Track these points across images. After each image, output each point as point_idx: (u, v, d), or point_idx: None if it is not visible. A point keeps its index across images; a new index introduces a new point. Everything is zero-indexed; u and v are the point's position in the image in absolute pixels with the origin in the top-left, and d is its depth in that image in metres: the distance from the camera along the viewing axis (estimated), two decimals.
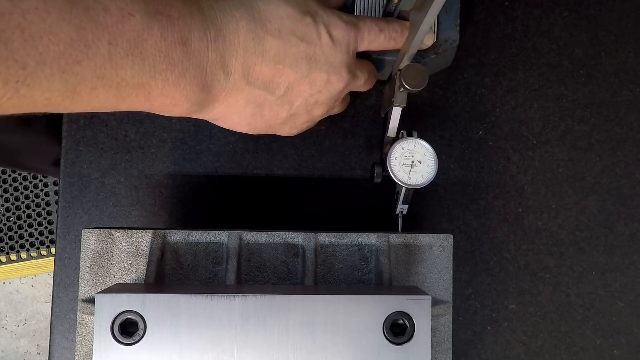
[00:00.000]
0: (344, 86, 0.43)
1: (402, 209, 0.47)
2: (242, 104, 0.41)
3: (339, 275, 0.41)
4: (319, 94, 0.43)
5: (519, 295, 0.52)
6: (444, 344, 0.41)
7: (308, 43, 0.41)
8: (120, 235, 0.40)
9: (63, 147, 0.51)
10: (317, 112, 0.45)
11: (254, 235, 0.41)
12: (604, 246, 0.53)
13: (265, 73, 0.40)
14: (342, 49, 0.42)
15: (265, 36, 0.39)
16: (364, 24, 0.43)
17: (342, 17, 0.43)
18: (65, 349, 0.50)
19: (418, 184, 0.44)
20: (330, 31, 0.41)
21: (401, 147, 0.44)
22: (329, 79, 0.42)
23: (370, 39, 0.44)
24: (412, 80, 0.42)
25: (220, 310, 0.33)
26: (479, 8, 0.53)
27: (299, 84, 0.41)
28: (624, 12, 0.54)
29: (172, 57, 0.35)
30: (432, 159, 0.44)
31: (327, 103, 0.44)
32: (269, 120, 0.44)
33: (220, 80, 0.38)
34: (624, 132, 0.53)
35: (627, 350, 0.52)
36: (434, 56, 0.48)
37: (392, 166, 0.44)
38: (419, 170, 0.44)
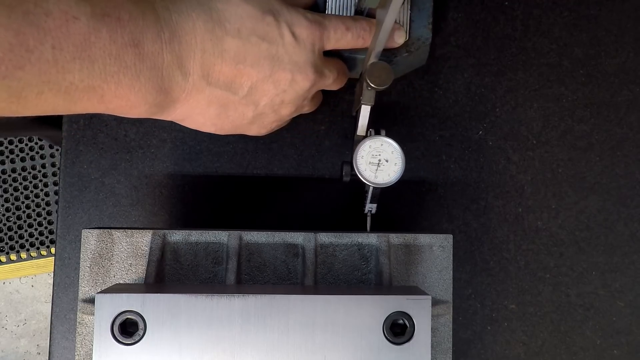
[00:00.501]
0: (311, 85, 0.43)
1: (371, 208, 0.46)
2: (205, 104, 0.41)
3: (339, 275, 0.41)
4: (285, 93, 0.42)
5: (519, 295, 0.52)
6: (444, 344, 0.41)
7: (270, 42, 0.40)
8: (120, 235, 0.40)
9: (63, 147, 0.51)
10: (284, 112, 0.44)
11: (254, 235, 0.41)
12: (604, 246, 0.53)
13: (226, 73, 0.40)
14: (307, 47, 0.42)
15: (224, 36, 0.39)
16: (329, 23, 0.43)
17: (307, 15, 0.42)
18: (65, 349, 0.50)
19: (384, 182, 0.44)
20: (293, 30, 0.41)
21: (368, 146, 0.44)
22: (293, 78, 0.42)
23: (337, 37, 0.44)
24: (376, 79, 0.42)
25: (220, 310, 0.33)
26: (479, 8, 0.53)
27: (262, 84, 0.41)
28: (624, 12, 0.54)
29: (124, 59, 0.35)
30: (399, 158, 0.44)
31: (294, 102, 0.44)
32: (235, 121, 0.43)
33: (178, 82, 0.38)
34: (624, 132, 0.53)
35: (627, 350, 0.52)
36: (406, 54, 0.47)
37: (358, 165, 0.44)
38: (386, 169, 0.44)
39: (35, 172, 1.36)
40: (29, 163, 1.36)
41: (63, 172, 0.51)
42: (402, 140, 0.52)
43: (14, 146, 1.36)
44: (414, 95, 0.53)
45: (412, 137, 0.52)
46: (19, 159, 1.36)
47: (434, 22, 0.49)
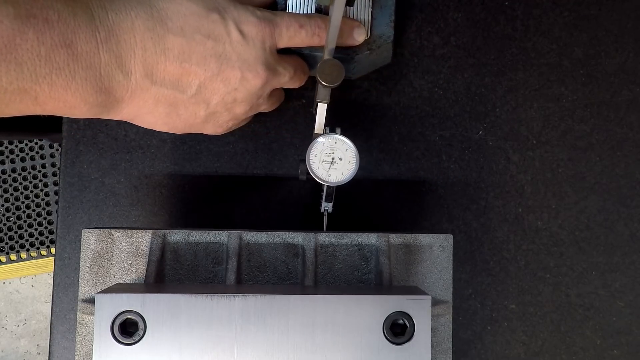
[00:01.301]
0: (263, 83, 0.43)
1: (327, 207, 0.46)
2: (152, 103, 0.41)
3: (339, 275, 0.41)
4: (236, 91, 0.42)
5: (519, 295, 0.52)
6: (444, 344, 0.41)
7: (216, 40, 0.40)
8: (120, 235, 0.40)
9: (63, 147, 0.51)
10: (238, 110, 0.44)
11: (254, 235, 0.41)
12: (604, 246, 0.53)
13: (172, 72, 0.39)
14: (256, 45, 0.41)
15: (166, 34, 0.39)
16: (281, 20, 0.43)
17: (256, 13, 0.42)
18: (65, 349, 0.50)
19: (337, 181, 0.43)
20: (240, 27, 0.41)
21: (321, 144, 0.44)
22: (243, 76, 0.41)
23: (289, 35, 0.43)
24: (327, 76, 0.42)
25: (220, 310, 0.33)
26: (479, 8, 0.53)
27: (211, 82, 0.41)
28: (624, 12, 0.54)
29: (56, 60, 0.35)
30: (353, 156, 0.44)
31: (247, 101, 0.43)
32: (188, 120, 0.43)
33: (119, 81, 0.38)
34: (624, 132, 0.53)
35: (627, 350, 0.52)
36: (367, 52, 0.47)
37: (311, 163, 0.44)
38: (339, 167, 0.44)
39: (35, 172, 1.36)
40: (29, 163, 1.36)
41: (63, 172, 0.51)
42: (402, 140, 0.52)
43: (14, 146, 1.36)
44: (414, 95, 0.53)
45: (412, 137, 0.52)
46: (19, 159, 1.36)
47: (435, 22, 0.49)
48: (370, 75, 0.52)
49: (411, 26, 0.53)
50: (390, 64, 0.52)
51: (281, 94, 0.50)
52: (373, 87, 0.52)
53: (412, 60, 0.53)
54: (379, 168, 0.52)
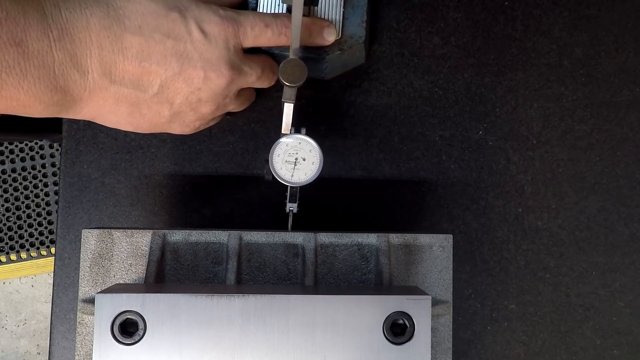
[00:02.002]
0: (227, 83, 0.42)
1: (292, 207, 0.46)
2: (112, 103, 0.40)
3: (339, 275, 0.41)
4: (200, 91, 0.42)
5: (519, 295, 0.52)
6: (444, 344, 0.41)
7: (176, 39, 0.40)
8: (120, 235, 0.40)
9: (63, 147, 0.51)
10: (204, 110, 0.44)
11: (254, 235, 0.41)
12: (604, 246, 0.53)
13: (131, 71, 0.39)
14: (219, 44, 0.41)
15: (123, 33, 0.38)
16: (245, 19, 0.42)
17: (219, 12, 0.42)
18: (65, 349, 0.50)
19: (300, 182, 0.43)
20: (202, 27, 0.41)
21: (285, 144, 0.44)
22: (206, 75, 0.41)
23: (255, 34, 0.43)
24: (289, 76, 0.42)
25: (220, 310, 0.33)
26: (479, 8, 0.53)
27: (173, 82, 0.41)
28: (624, 12, 0.54)
29: (5, 59, 0.34)
30: (317, 156, 0.44)
31: (213, 100, 0.43)
32: (152, 119, 0.43)
33: (75, 80, 0.38)
34: (624, 132, 0.53)
35: (627, 350, 0.52)
36: (338, 52, 0.47)
37: (274, 163, 0.43)
38: (303, 167, 0.44)
39: (35, 172, 1.36)
40: (29, 163, 1.36)
41: (63, 172, 0.51)
42: (402, 140, 0.52)
43: (14, 146, 1.36)
44: (414, 95, 0.53)
45: (412, 137, 0.52)
46: (19, 159, 1.36)
47: (435, 22, 0.49)
48: (370, 76, 0.52)
49: (411, 26, 0.53)
50: (390, 64, 0.52)
51: (251, 94, 0.49)
52: (373, 87, 0.52)
53: (412, 60, 0.53)
54: (379, 168, 0.52)
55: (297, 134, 0.44)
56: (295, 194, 0.45)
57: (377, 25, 0.53)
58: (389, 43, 0.53)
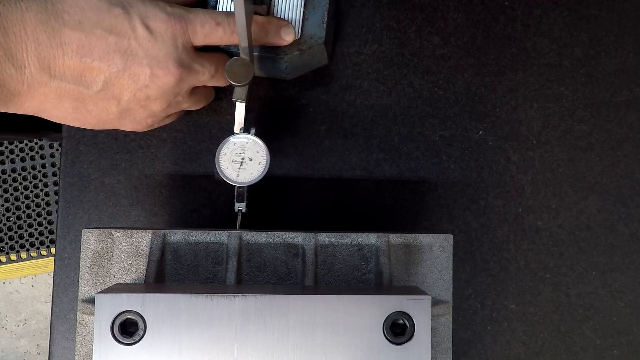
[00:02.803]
0: (176, 80, 0.42)
1: (240, 207, 0.46)
2: (55, 98, 0.40)
3: (339, 275, 0.41)
4: (147, 88, 0.41)
5: (519, 295, 0.52)
6: (444, 344, 0.41)
7: (119, 35, 0.39)
8: (120, 235, 0.40)
9: (63, 147, 0.51)
10: (155, 108, 0.43)
11: (254, 235, 0.41)
12: (604, 246, 0.53)
13: (72, 67, 0.39)
14: (166, 42, 0.41)
15: (61, 28, 0.38)
16: (195, 17, 0.42)
17: (166, 9, 0.41)
18: (65, 349, 0.50)
19: (245, 182, 0.43)
20: (147, 23, 0.40)
21: (232, 144, 0.44)
22: (153, 72, 0.41)
23: (205, 32, 0.42)
24: (235, 75, 0.42)
25: (220, 310, 0.33)
26: (479, 8, 0.53)
27: (118, 79, 0.40)
28: (624, 12, 0.54)
29: None
30: (263, 157, 0.43)
31: (163, 98, 0.43)
32: (99, 115, 0.42)
33: (11, 74, 0.37)
34: (624, 132, 0.53)
35: (627, 350, 0.52)
36: (297, 52, 0.47)
37: (220, 163, 0.43)
38: (249, 167, 0.43)
39: (35, 172, 1.36)
40: (29, 163, 1.36)
41: (63, 172, 0.51)
42: (402, 140, 0.52)
43: (14, 146, 1.36)
44: (414, 95, 0.53)
45: (412, 137, 0.52)
46: (19, 159, 1.36)
47: (435, 22, 0.49)
48: (370, 75, 0.52)
49: (411, 26, 0.53)
50: (390, 64, 0.52)
51: (208, 92, 0.49)
52: (373, 87, 0.52)
53: (412, 60, 0.53)
54: (379, 168, 0.52)
55: (245, 134, 0.44)
56: (243, 193, 0.44)
57: (371, 25, 0.53)
58: (389, 43, 0.53)
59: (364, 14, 0.53)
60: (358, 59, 0.53)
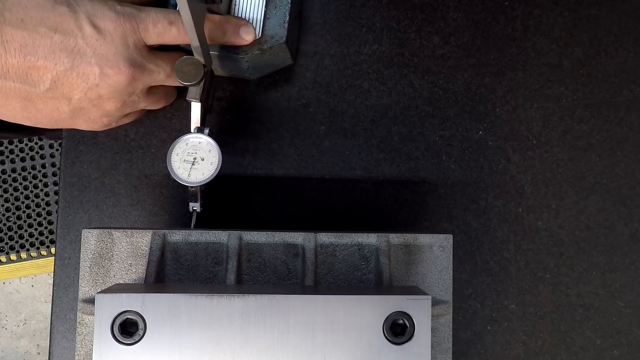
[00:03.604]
0: (128, 80, 0.41)
1: (194, 206, 0.45)
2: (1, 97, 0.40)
3: (339, 275, 0.41)
4: (98, 87, 0.41)
5: (519, 295, 0.52)
6: (444, 344, 0.41)
7: (64, 34, 0.39)
8: (120, 235, 0.40)
9: (63, 147, 0.51)
10: (109, 107, 0.43)
11: (254, 235, 0.41)
12: (604, 246, 0.53)
13: (16, 65, 0.39)
14: (115, 40, 0.40)
15: (2, 26, 0.38)
16: (147, 16, 0.42)
17: (115, 7, 0.41)
18: (65, 349, 0.50)
19: (197, 182, 0.43)
20: (94, 22, 0.40)
21: (184, 143, 0.44)
22: (102, 72, 0.40)
23: (158, 31, 0.42)
24: (184, 75, 0.42)
25: (220, 310, 0.33)
26: (479, 8, 0.53)
27: (66, 77, 0.40)
28: (624, 12, 0.54)
29: None
30: (215, 157, 0.43)
31: (116, 97, 0.42)
32: (50, 114, 0.42)
33: None
34: (624, 132, 0.53)
35: (627, 350, 0.52)
36: (258, 52, 0.46)
37: (171, 162, 0.43)
38: (201, 167, 0.43)
39: (35, 172, 1.36)
40: (29, 163, 1.36)
41: (63, 172, 0.51)
42: (402, 140, 0.52)
43: (14, 146, 1.36)
44: (414, 95, 0.53)
45: (412, 137, 0.52)
46: (19, 159, 1.36)
47: (435, 22, 0.49)
48: (370, 76, 0.52)
49: (411, 26, 0.53)
50: (390, 64, 0.52)
51: (168, 92, 0.48)
52: (373, 87, 0.52)
53: (412, 60, 0.53)
54: (379, 168, 0.52)
55: (198, 134, 0.44)
56: (196, 193, 0.44)
57: (371, 25, 0.53)
58: (389, 43, 0.53)
59: (364, 14, 0.53)
60: (358, 59, 0.53)
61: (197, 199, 0.45)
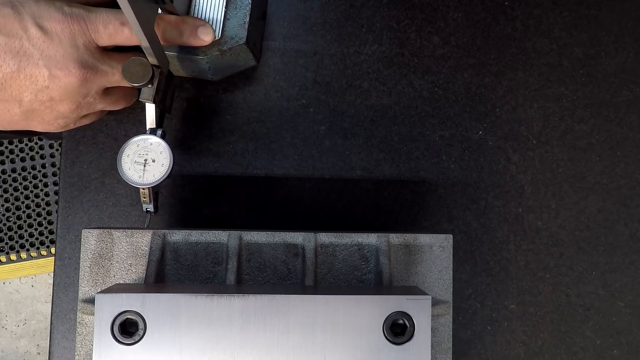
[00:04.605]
0: (80, 81, 0.41)
1: (148, 207, 0.45)
2: None
3: (339, 275, 0.41)
4: (49, 89, 0.41)
5: (519, 295, 0.52)
6: (444, 344, 0.41)
7: (9, 36, 0.39)
8: (120, 235, 0.40)
9: (63, 147, 0.51)
10: (62, 109, 0.43)
11: (254, 235, 0.41)
12: (604, 246, 0.53)
13: None
14: (63, 42, 0.40)
15: None
16: (97, 17, 0.41)
17: (63, 8, 0.40)
18: (65, 349, 0.50)
19: (147, 183, 0.43)
20: (41, 23, 0.39)
21: (135, 145, 0.43)
22: (52, 73, 0.40)
23: (109, 32, 0.42)
24: (132, 75, 0.41)
25: (220, 310, 0.33)
26: (479, 8, 0.53)
27: (14, 80, 0.40)
28: (624, 12, 0.54)
29: None
30: (167, 158, 0.43)
31: (69, 99, 0.42)
32: (2, 116, 0.42)
33: None
34: (624, 132, 0.53)
35: (627, 350, 0.52)
36: (217, 53, 0.46)
37: (122, 164, 0.43)
38: (152, 169, 0.43)
39: (35, 172, 1.36)
40: (29, 163, 1.36)
41: (63, 172, 0.51)
42: (402, 140, 0.52)
43: (14, 146, 1.36)
44: (414, 95, 0.53)
45: (412, 137, 0.52)
46: (19, 159, 1.36)
47: (435, 22, 0.49)
48: (370, 76, 0.52)
49: (411, 26, 0.53)
50: (390, 64, 0.52)
51: (128, 93, 0.48)
52: (373, 87, 0.52)
53: (412, 60, 0.53)
54: (379, 168, 0.52)
55: (150, 135, 0.43)
56: (148, 195, 0.44)
57: (371, 25, 0.53)
58: (389, 43, 0.53)
59: (364, 14, 0.53)
60: (358, 59, 0.53)
61: (150, 200, 0.44)
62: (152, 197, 0.45)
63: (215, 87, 0.52)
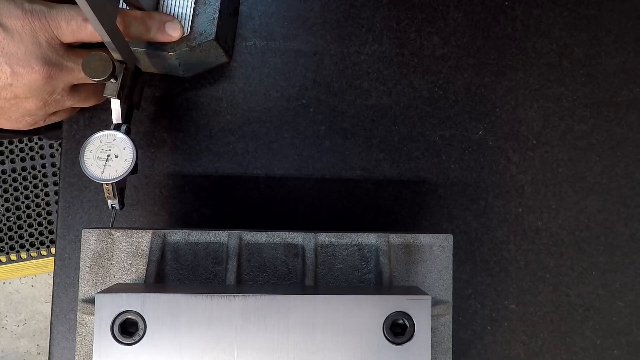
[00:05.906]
0: (44, 79, 0.41)
1: (113, 204, 0.45)
2: None
3: (339, 275, 0.41)
4: (12, 87, 0.40)
5: (519, 295, 0.52)
6: (444, 344, 0.41)
7: None
8: (120, 235, 0.40)
9: (63, 147, 0.51)
10: (29, 106, 0.42)
11: (254, 235, 0.41)
12: (604, 246, 0.53)
13: None
14: (25, 39, 0.40)
15: None
16: (58, 13, 0.41)
17: (23, 5, 0.40)
18: (65, 349, 0.50)
19: (109, 179, 0.43)
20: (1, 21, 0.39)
21: (99, 140, 0.43)
22: (14, 71, 0.40)
23: (72, 29, 0.41)
24: (92, 70, 0.41)
25: (220, 310, 0.33)
26: (479, 8, 0.53)
27: None
28: (624, 12, 0.54)
29: None
30: (130, 154, 0.43)
31: (35, 97, 0.42)
32: None
33: None
34: (624, 132, 0.53)
35: (627, 350, 0.52)
36: (186, 49, 0.46)
37: (84, 159, 0.43)
38: (114, 165, 0.43)
39: (35, 172, 1.36)
40: (29, 163, 1.36)
41: (63, 172, 0.51)
42: (402, 140, 0.52)
43: (14, 146, 1.36)
44: (414, 95, 0.53)
45: (412, 137, 0.52)
46: (19, 159, 1.36)
47: (435, 22, 0.49)
48: (370, 76, 0.52)
49: (411, 26, 0.53)
50: (390, 64, 0.52)
51: (97, 89, 0.47)
52: (373, 87, 0.52)
53: (412, 60, 0.53)
54: (379, 168, 0.52)
55: (113, 131, 0.43)
56: (112, 191, 0.44)
57: (371, 24, 0.53)
58: (389, 43, 0.53)
59: (364, 14, 0.53)
60: (358, 59, 0.53)
61: (114, 196, 0.44)
62: (117, 193, 0.44)
63: (215, 87, 0.52)
